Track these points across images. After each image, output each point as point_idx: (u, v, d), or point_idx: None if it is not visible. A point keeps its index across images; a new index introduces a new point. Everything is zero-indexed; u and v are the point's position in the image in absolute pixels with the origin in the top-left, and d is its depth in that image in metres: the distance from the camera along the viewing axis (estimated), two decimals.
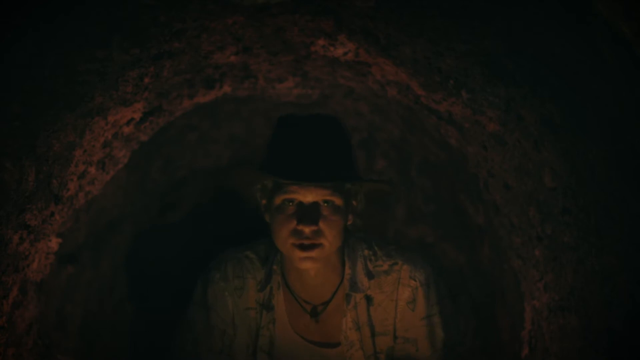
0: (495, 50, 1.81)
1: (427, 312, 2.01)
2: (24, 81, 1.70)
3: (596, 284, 1.84)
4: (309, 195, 1.87)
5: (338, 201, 1.88)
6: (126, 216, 3.24)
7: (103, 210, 2.85)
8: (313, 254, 1.87)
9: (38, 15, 1.57)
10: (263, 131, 3.45)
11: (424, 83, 2.18)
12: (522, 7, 1.61)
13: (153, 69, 1.98)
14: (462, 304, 3.16)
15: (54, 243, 2.25)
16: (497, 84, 1.92)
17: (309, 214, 1.86)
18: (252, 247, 2.11)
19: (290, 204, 1.88)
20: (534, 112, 1.90)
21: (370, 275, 2.01)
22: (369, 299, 2.01)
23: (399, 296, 2.01)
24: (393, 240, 3.54)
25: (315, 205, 1.87)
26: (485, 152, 2.32)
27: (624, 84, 1.50)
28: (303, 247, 1.87)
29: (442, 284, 2.07)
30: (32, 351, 2.23)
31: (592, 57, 1.55)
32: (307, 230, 1.85)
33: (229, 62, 2.22)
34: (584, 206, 1.86)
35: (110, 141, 2.22)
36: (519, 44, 1.73)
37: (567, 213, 1.95)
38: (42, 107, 1.77)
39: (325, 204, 1.88)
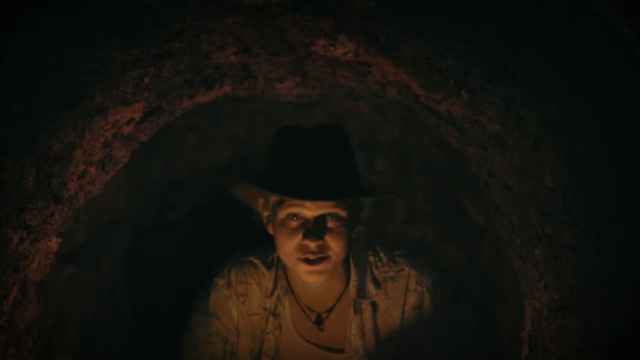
0: (495, 50, 1.81)
1: (433, 317, 2.00)
2: (24, 81, 1.70)
3: (596, 284, 1.84)
4: (313, 210, 1.84)
5: (342, 213, 1.85)
6: (126, 216, 3.24)
7: (103, 210, 2.85)
8: (320, 267, 1.85)
9: (38, 15, 1.57)
10: (263, 131, 3.45)
11: (424, 83, 2.18)
12: (522, 7, 1.61)
13: (153, 69, 1.98)
14: (463, 304, 3.16)
15: (54, 243, 2.25)
16: (497, 84, 1.92)
17: (314, 228, 1.83)
18: (255, 252, 2.10)
19: (295, 218, 1.85)
20: (534, 112, 1.90)
21: (377, 283, 2.01)
22: (374, 306, 2.01)
23: (406, 302, 2.00)
24: (393, 240, 3.54)
25: (320, 218, 1.84)
26: (485, 152, 2.32)
27: (624, 84, 1.50)
28: (309, 262, 1.85)
29: (449, 288, 2.06)
30: (32, 351, 2.23)
31: (592, 57, 1.55)
32: (312, 245, 1.83)
33: (229, 62, 2.22)
34: (584, 206, 1.86)
35: (110, 141, 2.22)
36: (519, 44, 1.73)
37: (567, 213, 1.95)
38: (42, 107, 1.77)
39: (330, 217, 1.85)
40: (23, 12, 1.55)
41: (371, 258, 2.04)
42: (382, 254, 2.05)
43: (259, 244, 2.13)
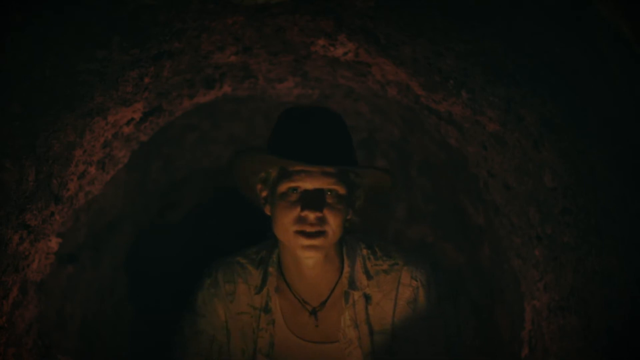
0: (495, 50, 1.81)
1: (427, 312, 2.01)
2: (24, 81, 1.70)
3: (596, 284, 1.84)
4: (314, 183, 1.87)
5: (342, 190, 1.89)
6: (126, 216, 3.24)
7: (103, 210, 2.85)
8: (317, 241, 1.87)
9: (38, 15, 1.57)
10: (263, 131, 3.45)
11: (424, 83, 2.18)
12: (522, 7, 1.61)
13: (153, 69, 1.98)
14: (462, 304, 3.16)
15: (54, 243, 2.25)
16: (497, 84, 1.92)
17: (314, 200, 1.86)
18: (243, 252, 2.12)
19: (294, 191, 1.88)
20: (534, 112, 1.90)
21: (368, 275, 2.02)
22: (367, 297, 2.02)
23: (398, 296, 2.01)
24: (393, 240, 3.54)
25: (320, 192, 1.87)
26: (485, 152, 2.32)
27: (624, 84, 1.50)
28: (306, 234, 1.86)
29: (444, 285, 2.07)
30: (32, 351, 2.23)
31: (592, 57, 1.55)
32: (311, 216, 1.85)
33: (229, 62, 2.22)
34: (584, 206, 1.86)
35: (110, 141, 2.22)
36: (519, 44, 1.73)
37: (567, 213, 1.95)
38: (42, 107, 1.77)
39: (329, 193, 1.88)
40: (23, 12, 1.55)
41: (364, 251, 2.06)
42: (376, 248, 2.06)
43: (258, 243, 2.14)
